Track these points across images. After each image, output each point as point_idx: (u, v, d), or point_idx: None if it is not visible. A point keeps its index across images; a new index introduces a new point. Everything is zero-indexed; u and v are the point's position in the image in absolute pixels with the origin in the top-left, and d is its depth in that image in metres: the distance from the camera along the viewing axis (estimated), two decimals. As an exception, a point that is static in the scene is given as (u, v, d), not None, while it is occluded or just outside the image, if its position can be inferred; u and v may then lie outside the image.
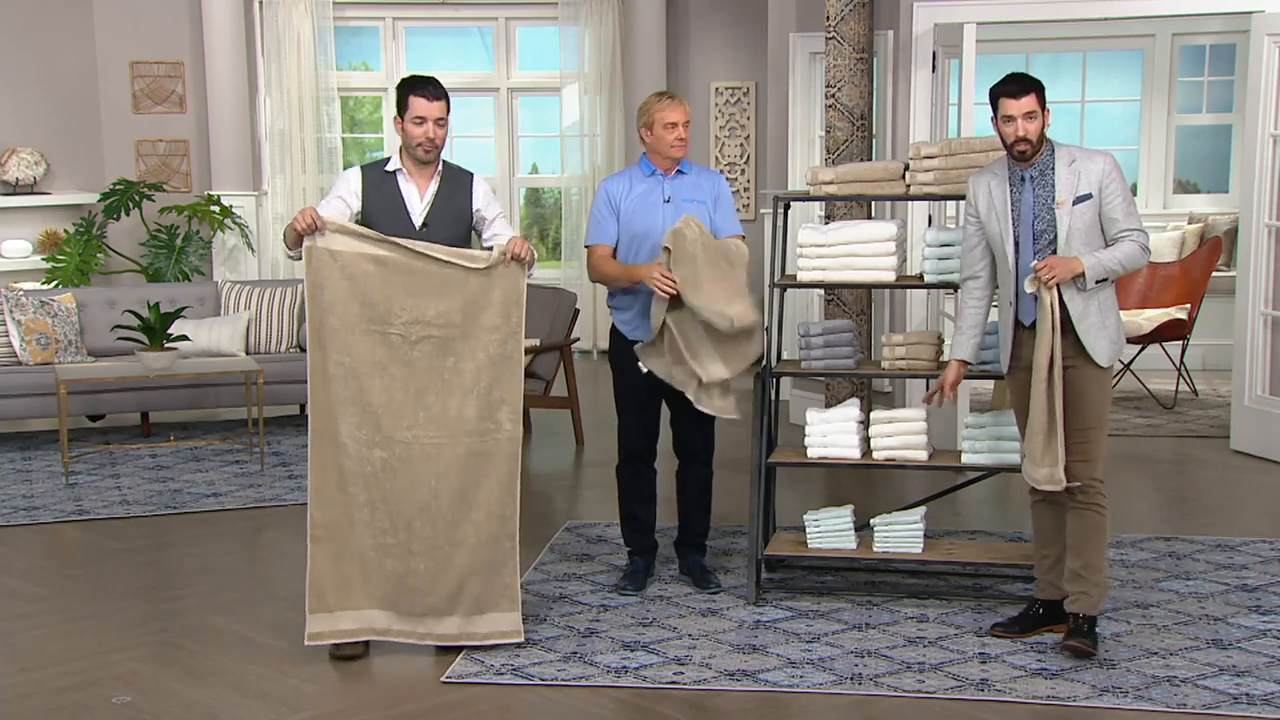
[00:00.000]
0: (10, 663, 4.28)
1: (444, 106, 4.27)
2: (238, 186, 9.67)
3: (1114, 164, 4.15)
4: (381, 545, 4.21)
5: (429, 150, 4.27)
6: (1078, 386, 4.18)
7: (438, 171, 4.34)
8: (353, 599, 4.23)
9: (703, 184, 4.80)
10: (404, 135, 4.27)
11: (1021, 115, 4.08)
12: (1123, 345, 4.27)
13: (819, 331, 4.88)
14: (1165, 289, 8.51)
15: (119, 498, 6.28)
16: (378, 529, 4.20)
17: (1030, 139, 4.10)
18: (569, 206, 10.16)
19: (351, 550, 4.21)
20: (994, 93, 4.13)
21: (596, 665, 4.17)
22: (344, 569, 4.22)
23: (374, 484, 4.18)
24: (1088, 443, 4.19)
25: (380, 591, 4.23)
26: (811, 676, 4.06)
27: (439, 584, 4.23)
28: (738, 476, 5.88)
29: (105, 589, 5.00)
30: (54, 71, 9.29)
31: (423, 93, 4.23)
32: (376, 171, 4.34)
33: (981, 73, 6.42)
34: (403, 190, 4.30)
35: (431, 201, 4.31)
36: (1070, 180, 4.11)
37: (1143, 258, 4.14)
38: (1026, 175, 4.16)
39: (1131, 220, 4.13)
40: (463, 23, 10.34)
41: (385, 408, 4.15)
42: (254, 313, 7.82)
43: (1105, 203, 4.12)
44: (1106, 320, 4.19)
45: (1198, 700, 3.86)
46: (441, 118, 4.25)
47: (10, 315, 7.34)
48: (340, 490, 4.17)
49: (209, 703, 3.96)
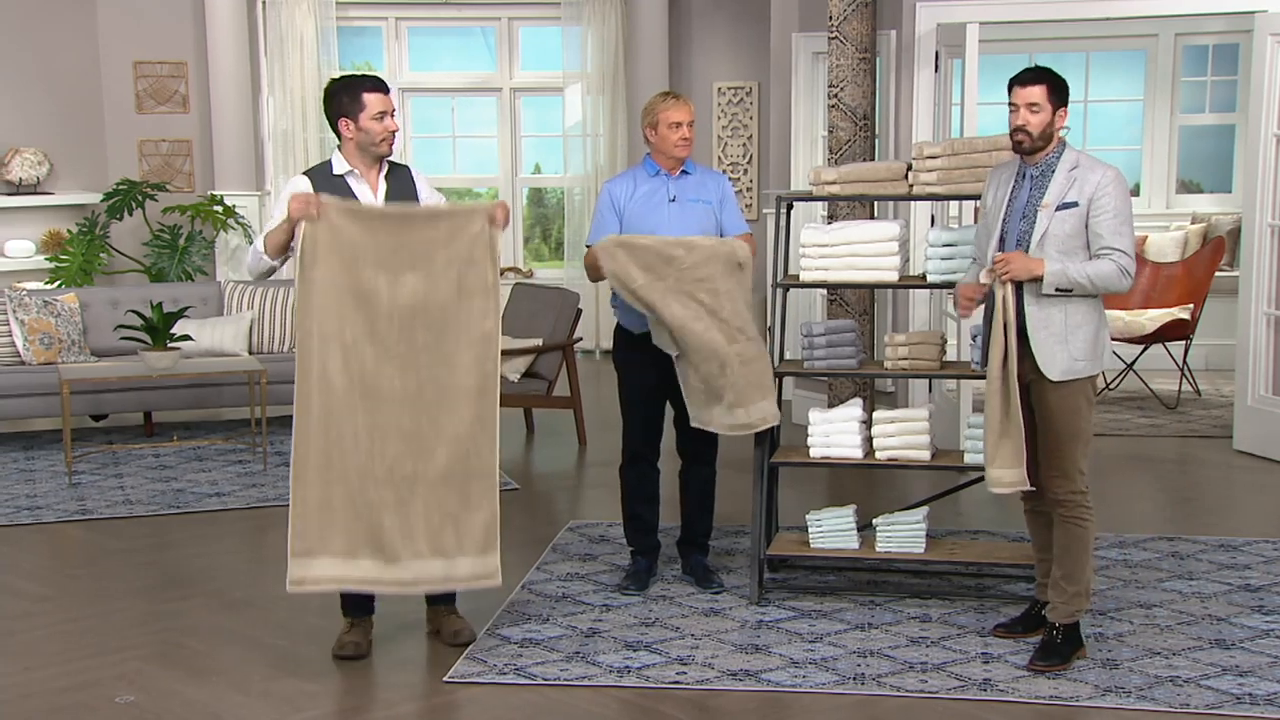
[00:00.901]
0: (14, 662, 4.29)
1: (392, 100, 4.30)
2: (241, 186, 9.68)
3: (1114, 180, 4.00)
4: (363, 486, 4.11)
5: (391, 144, 4.26)
6: (1038, 399, 4.10)
7: (381, 169, 4.31)
8: (333, 543, 4.11)
9: (708, 184, 4.82)
10: (362, 134, 4.20)
11: (1025, 104, 4.02)
12: (1095, 363, 4.09)
13: (822, 331, 4.88)
14: (1168, 289, 8.51)
15: (122, 497, 6.29)
16: (359, 470, 4.11)
17: (1029, 130, 4.02)
18: (571, 206, 10.16)
19: (332, 492, 4.11)
20: (1010, 81, 4.09)
21: (599, 665, 4.17)
22: (324, 511, 4.10)
23: (355, 424, 4.09)
24: (1059, 457, 4.10)
25: (361, 535, 4.12)
26: (814, 676, 4.06)
27: (419, 527, 4.13)
28: (740, 476, 5.85)
29: (108, 589, 5.01)
30: (57, 71, 9.31)
31: (376, 88, 4.21)
32: (323, 175, 4.27)
33: (984, 73, 6.45)
34: (356, 191, 4.25)
35: (384, 198, 4.28)
36: (1063, 185, 4.01)
37: (1119, 280, 3.97)
38: (1029, 173, 4.13)
39: (1117, 240, 3.97)
40: (465, 23, 10.35)
41: (367, 347, 4.09)
42: (257, 312, 7.83)
43: (1092, 216, 3.98)
44: (1073, 335, 4.04)
45: (1201, 700, 3.85)
46: (394, 110, 4.28)
47: (14, 315, 7.36)
48: (322, 432, 4.08)
49: (211, 702, 3.97)
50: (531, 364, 7.28)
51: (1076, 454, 4.11)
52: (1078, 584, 4.14)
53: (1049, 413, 4.10)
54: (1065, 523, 4.15)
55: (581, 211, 9.98)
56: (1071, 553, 4.14)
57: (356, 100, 4.19)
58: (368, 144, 4.22)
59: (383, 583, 4.17)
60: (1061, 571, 4.17)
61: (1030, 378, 4.11)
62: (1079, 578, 4.15)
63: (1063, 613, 4.15)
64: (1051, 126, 4.04)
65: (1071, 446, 4.09)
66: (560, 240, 10.61)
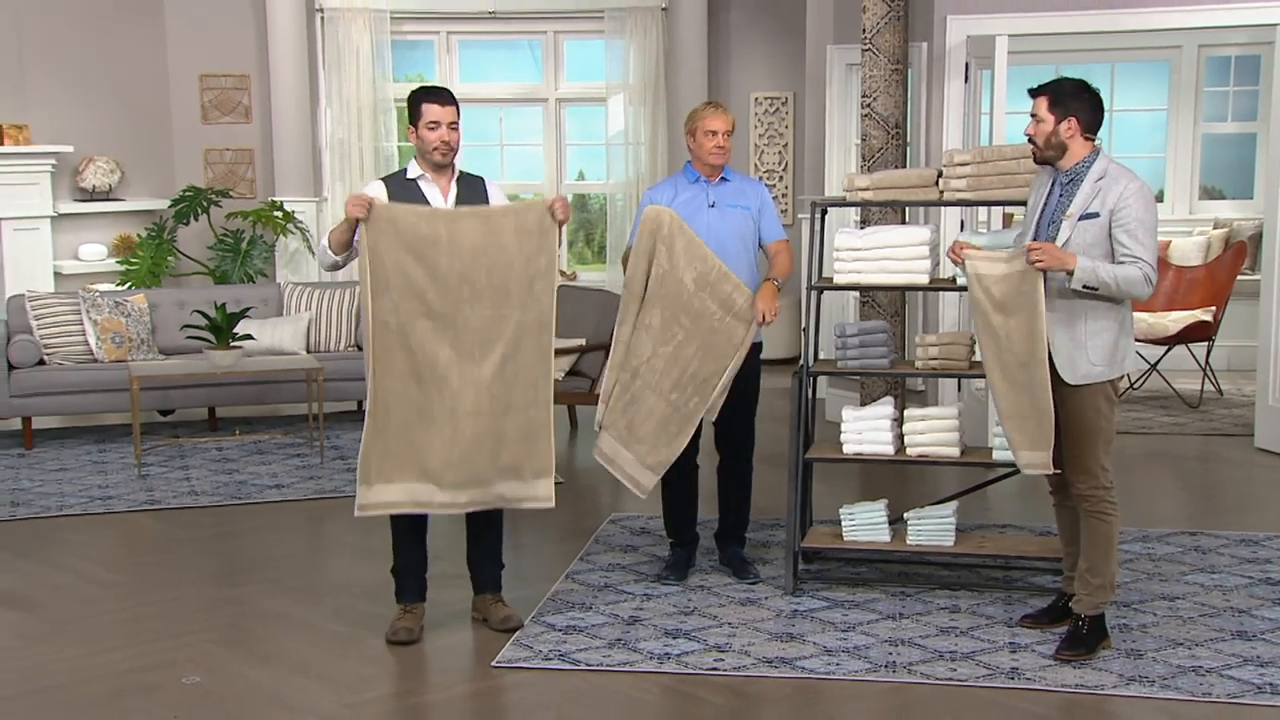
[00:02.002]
0: (87, 645, 4.39)
1: (455, 111, 4.38)
2: (299, 193, 9.75)
3: (1136, 192, 3.98)
4: (425, 419, 4.25)
5: (445, 153, 4.34)
6: (1059, 399, 4.11)
7: (454, 176, 4.45)
8: (398, 473, 4.26)
9: (746, 190, 4.87)
10: (420, 141, 4.37)
11: (1031, 115, 4.10)
12: (1113, 369, 4.10)
13: (855, 332, 4.90)
14: (1191, 292, 8.50)
15: (188, 489, 6.40)
16: (422, 402, 4.24)
17: (1035, 140, 4.07)
18: (614, 212, 10.19)
19: (396, 425, 4.25)
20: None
21: (640, 652, 4.22)
22: (390, 443, 4.25)
23: (418, 358, 4.23)
24: (1080, 454, 4.14)
25: (424, 464, 4.26)
26: (847, 664, 4.10)
27: (478, 454, 4.26)
28: (776, 472, 5.88)
29: (175, 575, 5.11)
30: (128, 84, 9.43)
31: (435, 99, 4.35)
32: (397, 180, 4.43)
33: (1013, 83, 6.38)
34: (426, 194, 4.39)
35: (455, 202, 4.41)
36: (1089, 195, 4.02)
37: (1142, 286, 3.98)
38: (1059, 180, 4.12)
39: (1139, 250, 3.97)
40: (513, 36, 10.37)
41: (431, 284, 4.23)
42: (314, 313, 7.92)
43: (1115, 226, 3.98)
44: (1091, 341, 4.07)
45: (1222, 690, 3.87)
46: (454, 121, 4.36)
47: (87, 315, 7.48)
48: (388, 368, 4.24)
49: (274, 684, 4.05)
50: (575, 363, 7.35)
51: (1098, 451, 4.12)
52: (1102, 577, 4.17)
53: (1069, 412, 4.12)
54: (1090, 517, 4.17)
55: (623, 217, 9.93)
56: (1096, 546, 4.17)
57: (417, 109, 4.36)
58: (423, 151, 4.37)
59: (440, 505, 4.30)
60: (1087, 564, 4.19)
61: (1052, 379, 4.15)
62: (1103, 571, 4.17)
63: (1088, 604, 4.18)
64: (1056, 136, 4.04)
65: (1092, 444, 4.12)
66: (603, 244, 10.64)
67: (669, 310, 4.61)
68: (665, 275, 4.60)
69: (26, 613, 4.74)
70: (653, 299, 4.63)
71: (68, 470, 6.82)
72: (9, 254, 8.66)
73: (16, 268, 8.64)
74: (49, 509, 6.08)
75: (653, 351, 4.62)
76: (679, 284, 4.60)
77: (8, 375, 7.25)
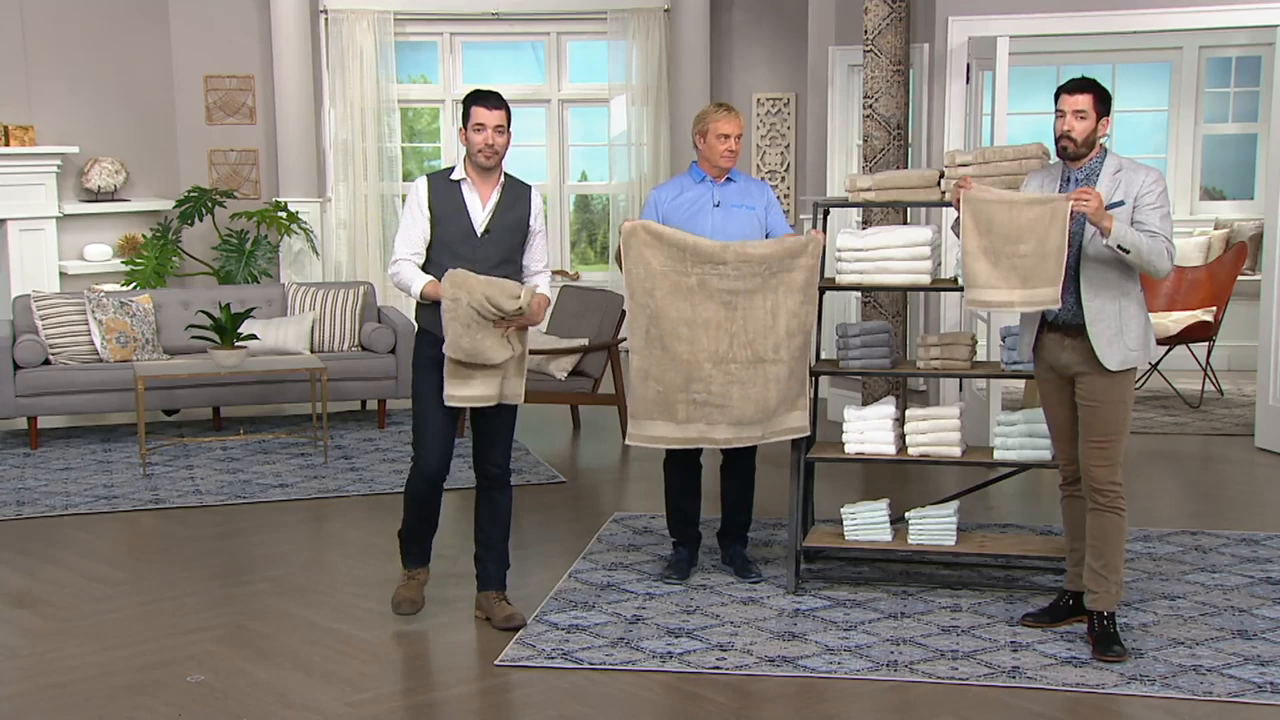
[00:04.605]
0: (91, 643, 4.39)
1: (503, 115, 4.38)
2: (303, 193, 9.80)
3: (1157, 180, 4.11)
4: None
5: (489, 156, 4.35)
6: (1088, 391, 4.17)
7: (499, 181, 4.46)
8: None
9: (752, 191, 4.88)
10: (467, 143, 4.39)
11: (1071, 111, 4.10)
12: (1145, 354, 4.20)
13: (856, 332, 4.90)
14: (1192, 292, 8.50)
15: (192, 488, 6.40)
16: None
17: (1074, 137, 4.10)
18: (616, 212, 10.23)
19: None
20: (1057, 90, 4.19)
21: (643, 650, 4.22)
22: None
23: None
24: (1108, 445, 4.18)
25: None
26: (849, 663, 4.10)
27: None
28: (778, 471, 5.94)
29: (179, 574, 5.10)
30: (133, 86, 9.47)
31: (483, 103, 4.37)
32: (442, 179, 4.45)
33: (1014, 84, 6.43)
34: (466, 198, 4.41)
35: (494, 209, 4.42)
36: (1110, 186, 4.10)
37: (1165, 260, 4.07)
38: (1074, 177, 4.19)
39: (1164, 227, 4.08)
40: (516, 37, 10.42)
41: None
42: (318, 313, 7.92)
43: (1139, 208, 4.07)
44: (1126, 327, 4.14)
45: (1223, 688, 3.89)
46: (500, 125, 4.36)
47: (92, 315, 7.48)
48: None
49: (277, 682, 4.05)
50: (578, 363, 7.37)
51: (1123, 444, 4.18)
52: (1119, 573, 4.19)
53: (1104, 409, 4.15)
54: (1104, 512, 4.18)
55: (626, 217, 9.97)
56: (1111, 542, 4.18)
57: (467, 111, 4.39)
58: (470, 152, 4.40)
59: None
60: (1101, 561, 4.18)
61: (1076, 370, 4.18)
62: (1118, 566, 4.19)
63: (1108, 601, 4.19)
64: (1094, 134, 4.12)
65: (1120, 435, 4.17)
66: (605, 245, 10.67)
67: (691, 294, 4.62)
68: (661, 275, 4.61)
69: (32, 611, 4.75)
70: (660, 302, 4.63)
71: (73, 469, 6.83)
72: (15, 254, 8.71)
73: (22, 268, 8.69)
74: (54, 508, 6.09)
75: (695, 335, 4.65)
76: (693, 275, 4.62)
77: (13, 375, 7.26)
